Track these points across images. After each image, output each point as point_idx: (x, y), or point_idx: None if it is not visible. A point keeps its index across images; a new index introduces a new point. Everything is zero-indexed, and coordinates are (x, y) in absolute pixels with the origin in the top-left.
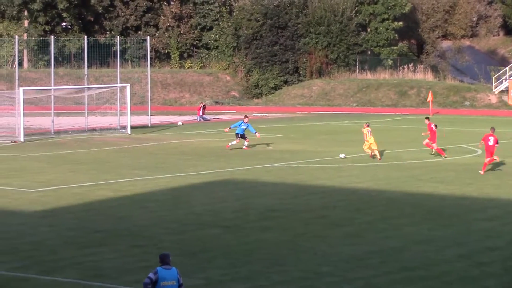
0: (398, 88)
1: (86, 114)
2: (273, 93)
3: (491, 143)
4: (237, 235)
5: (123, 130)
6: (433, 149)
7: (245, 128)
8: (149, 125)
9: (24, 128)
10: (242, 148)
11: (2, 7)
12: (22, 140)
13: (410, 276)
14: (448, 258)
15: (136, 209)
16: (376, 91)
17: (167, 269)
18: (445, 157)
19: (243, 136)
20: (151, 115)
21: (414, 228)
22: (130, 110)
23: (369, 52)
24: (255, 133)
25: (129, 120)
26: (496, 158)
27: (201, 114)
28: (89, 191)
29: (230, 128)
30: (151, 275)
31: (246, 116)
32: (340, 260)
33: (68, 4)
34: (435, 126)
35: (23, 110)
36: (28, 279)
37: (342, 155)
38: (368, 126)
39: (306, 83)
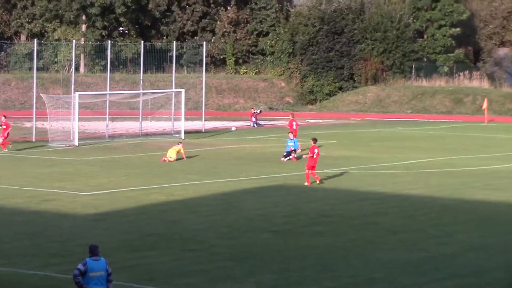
0: (453, 96)
1: (140, 119)
2: (327, 99)
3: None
4: (289, 240)
5: (177, 135)
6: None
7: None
8: (203, 130)
9: (78, 132)
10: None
11: (60, 11)
12: (77, 144)
13: (463, 283)
14: (501, 265)
15: (188, 214)
16: (431, 98)
17: (96, 260)
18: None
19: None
20: (205, 121)
21: (467, 235)
22: (185, 115)
23: (425, 59)
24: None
25: (183, 125)
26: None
27: (253, 119)
28: (142, 195)
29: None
30: (80, 266)
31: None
32: (392, 267)
33: (125, 9)
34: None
35: (78, 115)
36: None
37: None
38: None
39: (361, 90)
